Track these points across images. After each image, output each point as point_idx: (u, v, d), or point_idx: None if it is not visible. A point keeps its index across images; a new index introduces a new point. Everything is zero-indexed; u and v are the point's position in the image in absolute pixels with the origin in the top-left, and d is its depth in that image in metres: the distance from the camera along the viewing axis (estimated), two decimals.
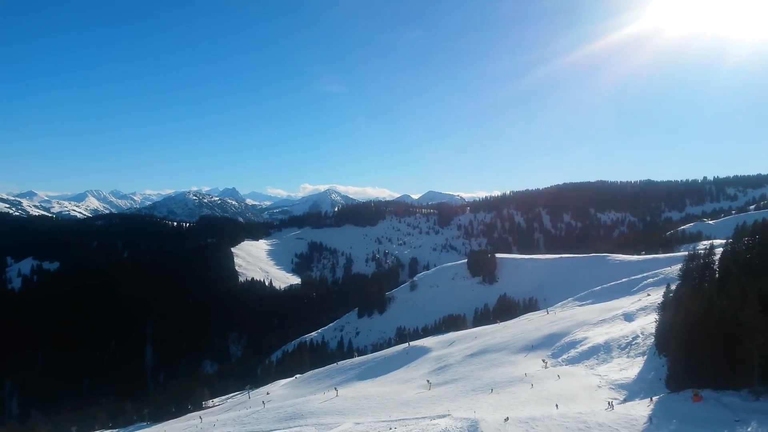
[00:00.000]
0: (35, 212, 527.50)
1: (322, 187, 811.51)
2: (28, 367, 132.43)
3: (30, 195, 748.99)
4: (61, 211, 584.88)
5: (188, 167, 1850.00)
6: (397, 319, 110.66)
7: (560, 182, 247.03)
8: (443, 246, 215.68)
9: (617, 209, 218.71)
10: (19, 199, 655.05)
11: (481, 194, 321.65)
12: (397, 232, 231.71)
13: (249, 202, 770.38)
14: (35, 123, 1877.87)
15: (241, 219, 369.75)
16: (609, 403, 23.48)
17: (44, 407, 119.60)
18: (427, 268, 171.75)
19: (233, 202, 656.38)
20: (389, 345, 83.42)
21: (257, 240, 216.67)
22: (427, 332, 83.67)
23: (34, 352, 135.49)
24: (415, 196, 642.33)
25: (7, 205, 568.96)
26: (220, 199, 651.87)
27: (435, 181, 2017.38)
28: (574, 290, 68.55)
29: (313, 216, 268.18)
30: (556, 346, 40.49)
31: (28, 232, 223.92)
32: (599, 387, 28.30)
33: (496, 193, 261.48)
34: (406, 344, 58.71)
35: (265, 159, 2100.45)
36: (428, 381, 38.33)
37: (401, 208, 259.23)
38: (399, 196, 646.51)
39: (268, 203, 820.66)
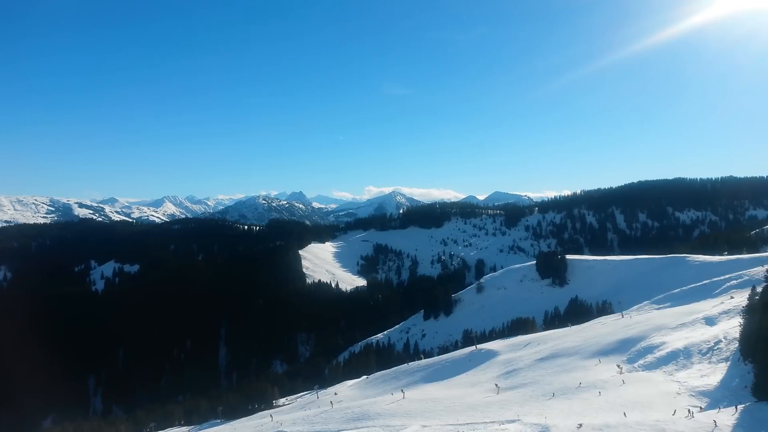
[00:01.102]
0: (117, 218, 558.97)
1: (387, 189, 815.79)
2: (110, 365, 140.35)
3: (112, 201, 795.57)
4: (141, 216, 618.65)
5: (258, 172, 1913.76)
6: (463, 321, 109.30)
7: (634, 180, 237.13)
8: (510, 247, 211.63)
9: (697, 207, 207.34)
10: (102, 205, 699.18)
11: (549, 194, 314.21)
12: (463, 233, 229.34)
13: (315, 205, 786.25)
14: (117, 133, 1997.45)
15: (307, 222, 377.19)
16: (689, 411, 22.11)
17: (125, 403, 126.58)
18: (493, 270, 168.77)
19: (300, 206, 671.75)
20: (456, 348, 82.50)
21: (323, 242, 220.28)
22: (494, 335, 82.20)
23: (115, 350, 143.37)
24: (481, 197, 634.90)
25: (91, 212, 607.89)
26: (287, 203, 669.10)
27: (501, 182, 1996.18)
28: (651, 293, 65.39)
29: (378, 218, 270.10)
30: (631, 351, 38.67)
31: (111, 237, 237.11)
32: (678, 394, 26.75)
33: (566, 192, 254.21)
34: (473, 347, 57.83)
35: (330, 162, 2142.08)
36: (496, 385, 37.53)
37: (467, 209, 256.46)
38: (464, 197, 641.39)
39: (333, 206, 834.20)
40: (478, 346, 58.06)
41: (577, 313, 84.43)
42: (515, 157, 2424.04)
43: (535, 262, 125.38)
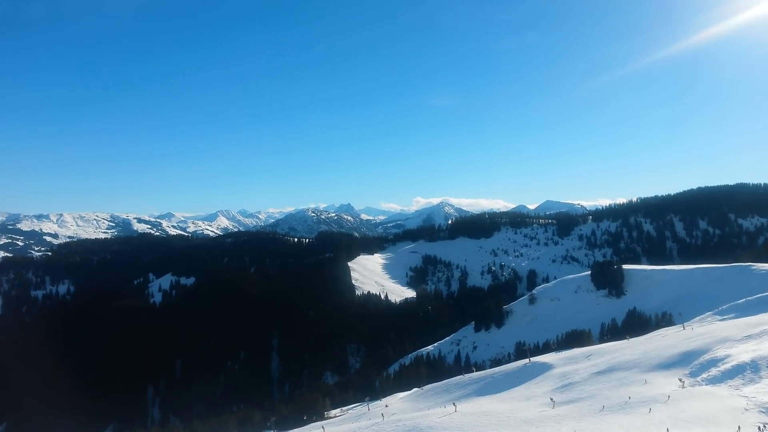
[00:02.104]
0: (173, 232, 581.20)
1: (435, 200, 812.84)
2: (168, 376, 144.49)
3: (168, 216, 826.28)
4: (196, 230, 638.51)
5: (307, 185, 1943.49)
6: (515, 333, 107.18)
7: (693, 186, 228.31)
8: (563, 257, 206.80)
9: (761, 214, 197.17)
10: (159, 220, 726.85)
11: (603, 202, 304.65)
12: (514, 243, 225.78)
13: (364, 217, 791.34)
14: (174, 150, 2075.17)
15: (356, 234, 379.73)
16: (759, 428, 20.90)
17: (181, 413, 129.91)
18: (546, 280, 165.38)
19: (348, 218, 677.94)
20: (508, 360, 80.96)
21: (372, 254, 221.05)
22: (548, 348, 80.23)
23: (173, 361, 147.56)
24: (532, 206, 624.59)
25: (149, 226, 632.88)
26: (336, 215, 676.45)
27: (552, 190, 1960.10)
28: (714, 304, 62.43)
29: (427, 229, 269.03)
30: (694, 365, 36.92)
31: (168, 251, 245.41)
32: (746, 410, 25.32)
33: (621, 200, 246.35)
34: (526, 360, 56.58)
35: (378, 174, 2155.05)
36: (551, 399, 36.53)
37: (517, 219, 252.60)
38: (514, 206, 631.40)
39: (381, 217, 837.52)
40: (531, 358, 56.76)
41: (635, 325, 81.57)
42: (567, 164, 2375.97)
43: (590, 272, 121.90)
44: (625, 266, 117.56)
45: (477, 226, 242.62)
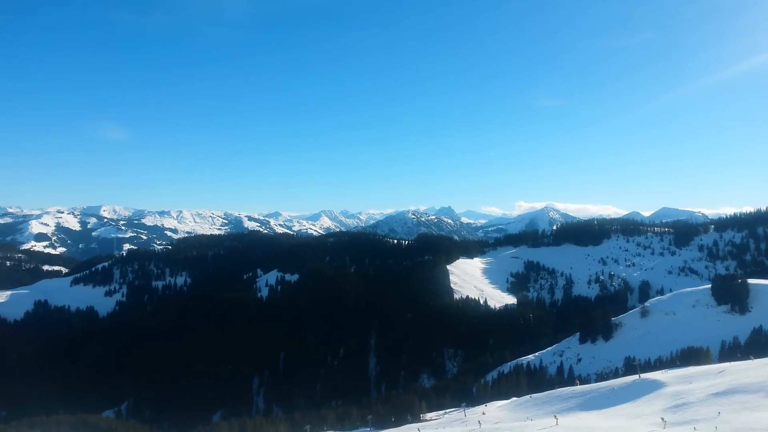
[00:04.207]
0: (280, 230, 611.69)
1: (539, 205, 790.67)
2: (272, 367, 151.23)
3: (276, 215, 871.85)
4: (300, 229, 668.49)
5: (407, 188, 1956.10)
6: (624, 347, 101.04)
7: None
8: (681, 269, 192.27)
9: None
10: (267, 218, 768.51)
11: (727, 210, 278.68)
12: (625, 252, 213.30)
13: (464, 220, 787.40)
14: (281, 152, 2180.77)
15: (455, 237, 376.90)
16: None
17: (283, 404, 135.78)
18: (660, 293, 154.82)
19: (448, 221, 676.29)
20: (616, 375, 76.56)
21: (472, 258, 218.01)
22: (660, 365, 75.00)
23: (277, 353, 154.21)
24: (646, 214, 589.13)
25: (258, 224, 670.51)
26: (436, 218, 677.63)
27: (670, 197, 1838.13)
28: None
29: (530, 234, 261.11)
30: None
31: (274, 248, 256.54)
32: None
33: (748, 208, 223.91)
34: (635, 376, 53.20)
35: (479, 178, 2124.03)
36: (662, 419, 33.91)
37: (629, 226, 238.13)
38: (626, 213, 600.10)
39: (482, 221, 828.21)
40: (641, 375, 53.33)
41: (761, 344, 74.32)
42: (686, 169, 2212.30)
43: (710, 285, 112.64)
44: (750, 280, 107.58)
45: (584, 233, 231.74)
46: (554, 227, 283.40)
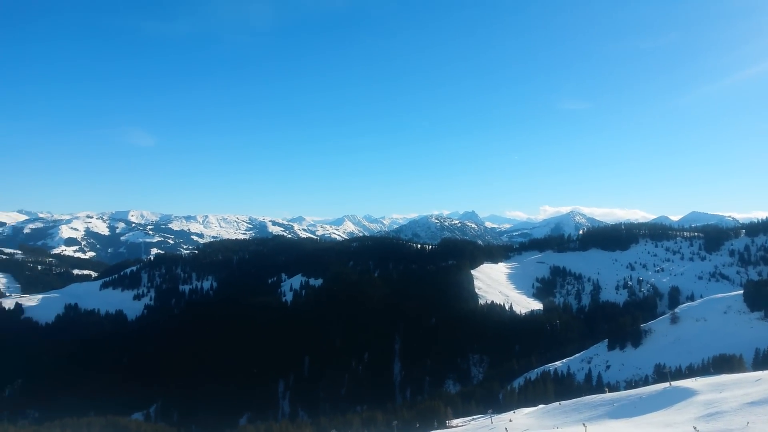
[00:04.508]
0: (303, 235, 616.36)
1: (564, 209, 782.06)
2: (297, 371, 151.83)
3: (299, 220, 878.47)
4: (324, 234, 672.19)
5: (431, 192, 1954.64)
6: (654, 354, 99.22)
7: None
8: (711, 274, 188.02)
9: None
10: (291, 223, 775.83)
11: (759, 215, 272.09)
12: (654, 257, 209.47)
13: (488, 225, 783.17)
14: (305, 157, 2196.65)
15: (480, 242, 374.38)
16: None
17: (308, 408, 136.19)
18: (691, 299, 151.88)
19: (472, 225, 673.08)
20: (645, 383, 75.20)
21: (496, 263, 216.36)
22: (691, 372, 73.46)
23: (302, 358, 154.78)
24: (675, 218, 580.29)
25: (282, 229, 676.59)
26: (460, 223, 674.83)
27: (699, 201, 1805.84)
28: None
29: (555, 239, 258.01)
30: None
31: (299, 253, 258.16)
32: None
33: None
34: (666, 383, 52.08)
35: (503, 182, 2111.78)
36: (694, 428, 33.16)
37: (658, 231, 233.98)
38: (655, 217, 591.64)
39: (507, 226, 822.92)
40: (672, 382, 52.19)
41: None
42: (716, 172, 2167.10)
43: (742, 291, 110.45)
44: None
45: (612, 238, 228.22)
46: (580, 232, 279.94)
